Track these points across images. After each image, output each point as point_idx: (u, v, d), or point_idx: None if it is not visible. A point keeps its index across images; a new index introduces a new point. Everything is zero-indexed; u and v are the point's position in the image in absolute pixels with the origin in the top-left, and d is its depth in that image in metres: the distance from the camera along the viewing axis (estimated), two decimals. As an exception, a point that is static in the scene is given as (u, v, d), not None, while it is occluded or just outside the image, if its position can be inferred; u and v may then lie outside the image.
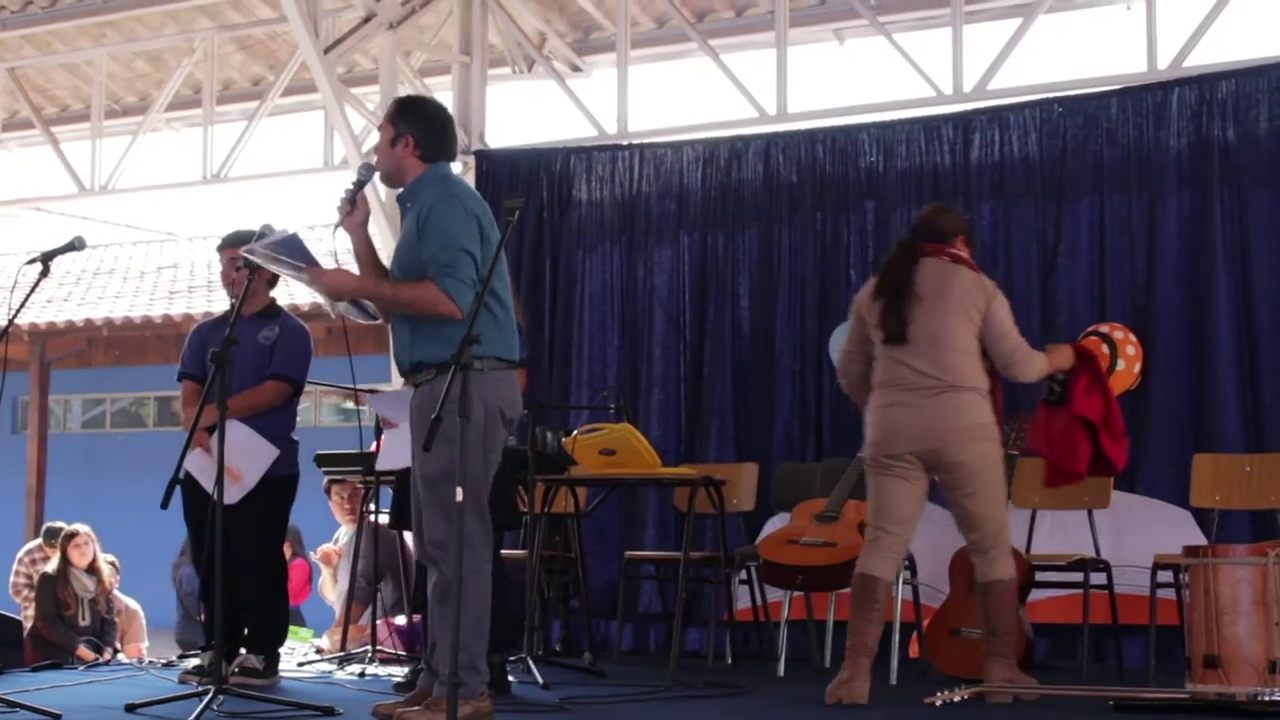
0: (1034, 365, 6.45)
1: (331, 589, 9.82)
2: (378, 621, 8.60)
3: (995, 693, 6.28)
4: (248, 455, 6.88)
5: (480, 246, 5.43)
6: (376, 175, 5.82)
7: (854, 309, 6.64)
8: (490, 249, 5.44)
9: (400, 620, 8.79)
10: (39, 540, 11.53)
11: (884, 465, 6.40)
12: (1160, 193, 8.59)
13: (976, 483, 6.33)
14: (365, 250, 5.70)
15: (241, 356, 6.92)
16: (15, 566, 11.48)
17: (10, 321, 6.11)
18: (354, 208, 5.65)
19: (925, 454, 6.32)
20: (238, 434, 6.84)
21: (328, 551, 9.97)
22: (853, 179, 9.39)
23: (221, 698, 5.73)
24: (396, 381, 7.67)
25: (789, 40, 10.02)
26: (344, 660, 8.14)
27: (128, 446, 19.52)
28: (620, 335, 9.92)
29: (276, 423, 7.12)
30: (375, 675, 7.57)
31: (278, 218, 6.37)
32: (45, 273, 6.11)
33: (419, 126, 5.60)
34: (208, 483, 6.92)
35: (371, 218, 5.86)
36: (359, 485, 9.07)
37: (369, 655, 8.08)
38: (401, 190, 5.69)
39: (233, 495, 6.86)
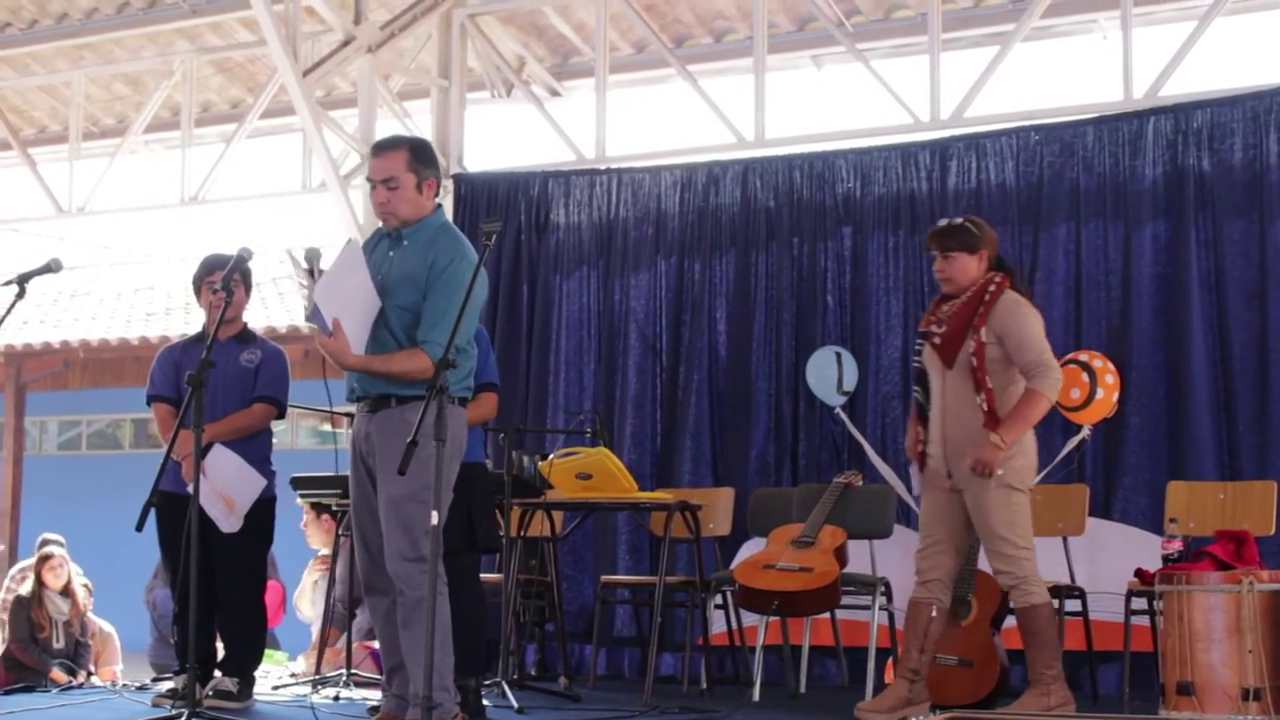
0: None
1: (308, 602, 9.74)
2: (354, 645, 8.58)
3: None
4: (241, 483, 6.87)
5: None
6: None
7: None
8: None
9: (376, 644, 8.75)
10: (32, 560, 11.45)
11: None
12: (1136, 221, 8.63)
13: None
14: None
15: (222, 380, 6.92)
16: (6, 583, 11.40)
17: (-14, 343, 6.11)
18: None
19: None
20: (231, 463, 6.81)
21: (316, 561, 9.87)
22: (830, 205, 9.41)
23: (195, 721, 5.73)
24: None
25: (767, 66, 10.05)
26: (319, 683, 8.11)
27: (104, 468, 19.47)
28: (596, 359, 9.93)
29: (258, 447, 7.12)
30: (350, 699, 7.56)
31: (255, 240, 6.39)
32: (21, 294, 6.12)
33: (436, 169, 5.69)
34: (215, 510, 6.88)
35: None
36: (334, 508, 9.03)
37: (344, 679, 8.06)
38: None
39: (232, 524, 6.83)
